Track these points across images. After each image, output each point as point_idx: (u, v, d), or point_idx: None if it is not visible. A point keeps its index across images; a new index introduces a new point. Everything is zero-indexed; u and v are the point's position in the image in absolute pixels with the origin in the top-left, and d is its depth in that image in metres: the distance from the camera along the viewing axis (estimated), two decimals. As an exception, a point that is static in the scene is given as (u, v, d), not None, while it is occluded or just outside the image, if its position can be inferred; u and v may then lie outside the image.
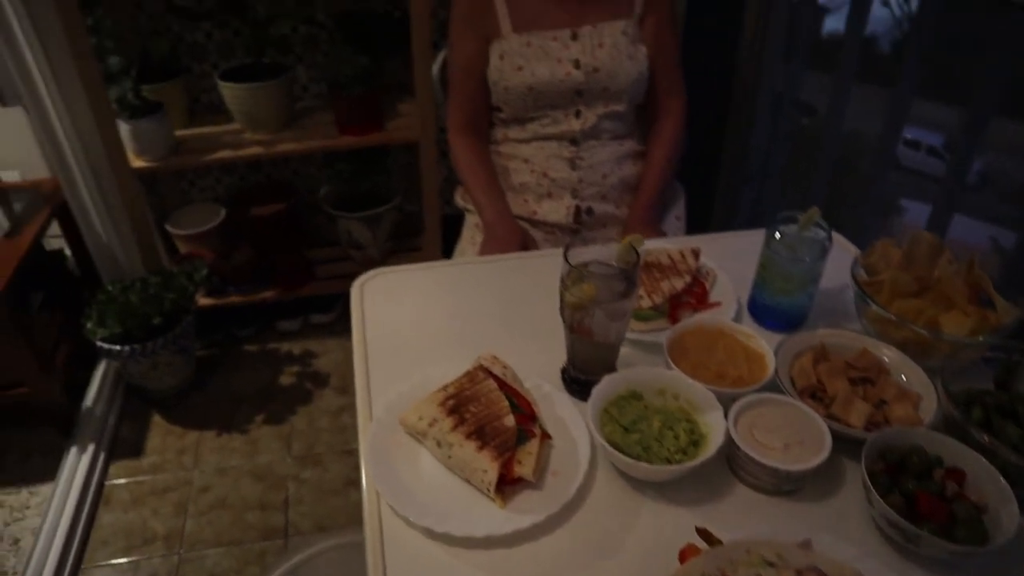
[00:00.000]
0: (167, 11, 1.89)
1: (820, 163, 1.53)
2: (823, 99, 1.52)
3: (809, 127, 1.62)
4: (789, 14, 1.44)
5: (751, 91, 1.53)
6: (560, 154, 1.39)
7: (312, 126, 1.94)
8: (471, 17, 1.37)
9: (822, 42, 1.56)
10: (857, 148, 1.56)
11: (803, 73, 1.54)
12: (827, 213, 0.93)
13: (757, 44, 1.49)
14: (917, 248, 0.97)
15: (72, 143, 1.90)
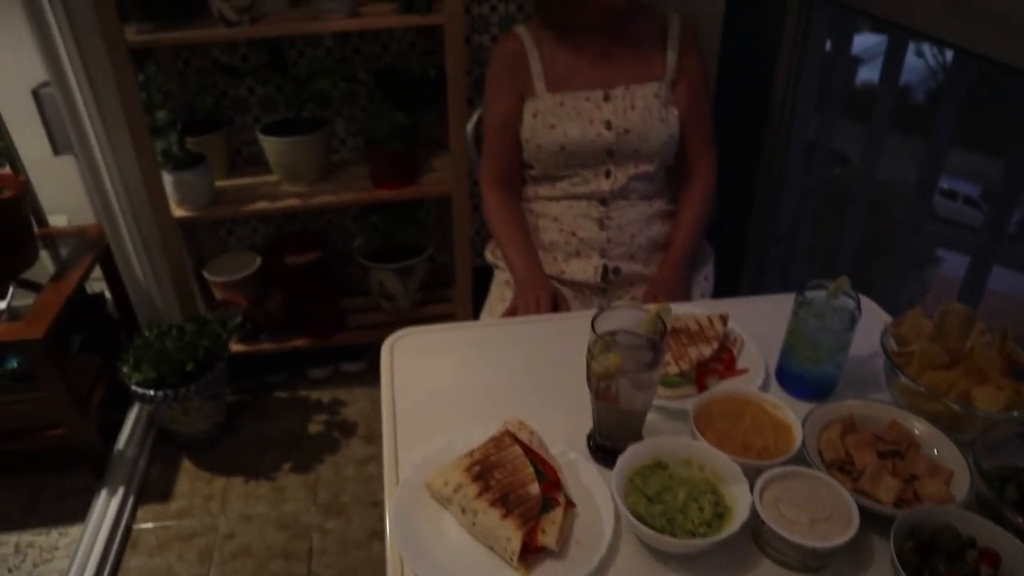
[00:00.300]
0: (213, 68, 1.96)
1: (853, 214, 1.52)
2: (856, 148, 1.52)
3: (842, 177, 1.62)
4: (823, 64, 1.45)
5: (783, 142, 1.54)
6: (589, 214, 1.41)
7: (348, 179, 1.98)
8: (507, 76, 1.41)
9: (856, 92, 1.56)
10: (891, 198, 1.56)
11: (836, 122, 1.54)
12: (861, 265, 0.93)
13: (790, 95, 1.50)
14: (948, 319, 0.96)
15: (118, 192, 1.96)
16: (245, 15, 1.63)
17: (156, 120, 1.77)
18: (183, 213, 1.88)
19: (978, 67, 1.27)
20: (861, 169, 1.51)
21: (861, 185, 1.51)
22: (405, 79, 1.90)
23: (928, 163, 1.37)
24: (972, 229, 4.62)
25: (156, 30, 1.67)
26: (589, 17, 1.37)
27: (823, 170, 1.58)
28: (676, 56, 1.39)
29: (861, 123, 1.51)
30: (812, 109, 1.51)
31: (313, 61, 1.99)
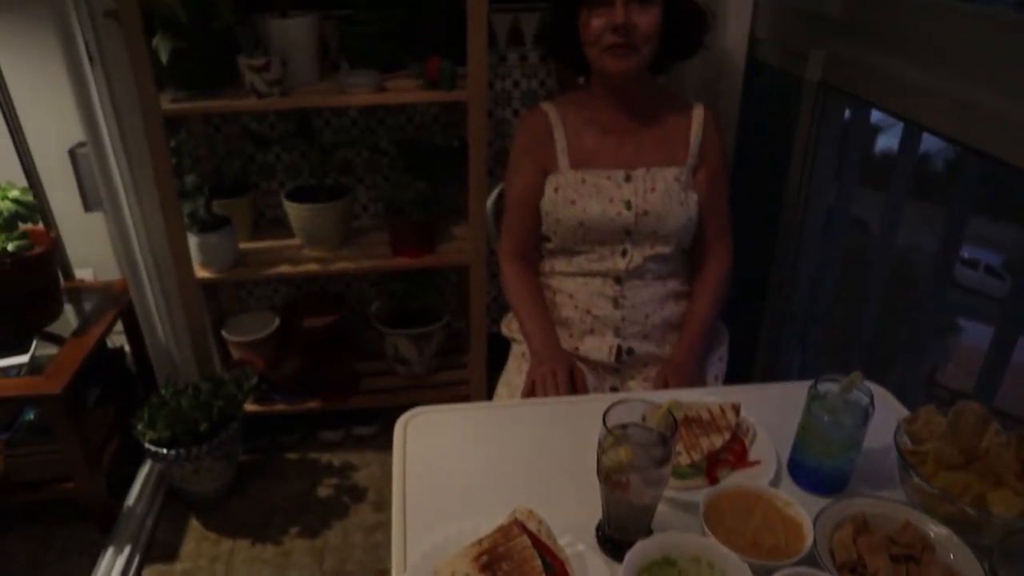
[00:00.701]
0: (242, 134, 2.02)
1: (872, 282, 1.52)
2: (875, 216, 1.52)
3: (860, 244, 1.62)
4: (840, 134, 1.47)
5: (799, 219, 1.56)
6: (604, 292, 1.42)
7: (368, 245, 2.02)
8: (532, 150, 1.45)
9: (874, 159, 1.57)
10: (911, 266, 1.55)
11: (854, 190, 1.55)
12: (879, 337, 0.93)
13: (806, 177, 1.52)
14: (963, 418, 0.96)
15: (144, 250, 2.01)
16: (276, 87, 1.69)
17: (185, 184, 1.82)
18: (206, 274, 1.92)
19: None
20: (880, 238, 1.51)
21: (880, 254, 1.51)
22: (427, 150, 1.95)
23: (948, 231, 1.36)
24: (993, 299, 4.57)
25: (190, 99, 1.72)
26: (610, 93, 1.40)
27: (840, 239, 1.58)
28: (698, 143, 1.42)
29: (880, 191, 1.52)
30: (829, 180, 1.53)
31: (339, 130, 2.05)
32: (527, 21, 2.00)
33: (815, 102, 1.44)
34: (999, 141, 1.04)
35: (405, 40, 1.85)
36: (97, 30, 1.75)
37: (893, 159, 1.43)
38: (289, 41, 1.74)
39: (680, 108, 1.44)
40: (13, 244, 1.82)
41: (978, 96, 1.07)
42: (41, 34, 2.04)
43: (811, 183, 1.51)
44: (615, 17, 1.26)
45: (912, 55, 1.21)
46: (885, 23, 1.28)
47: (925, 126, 1.18)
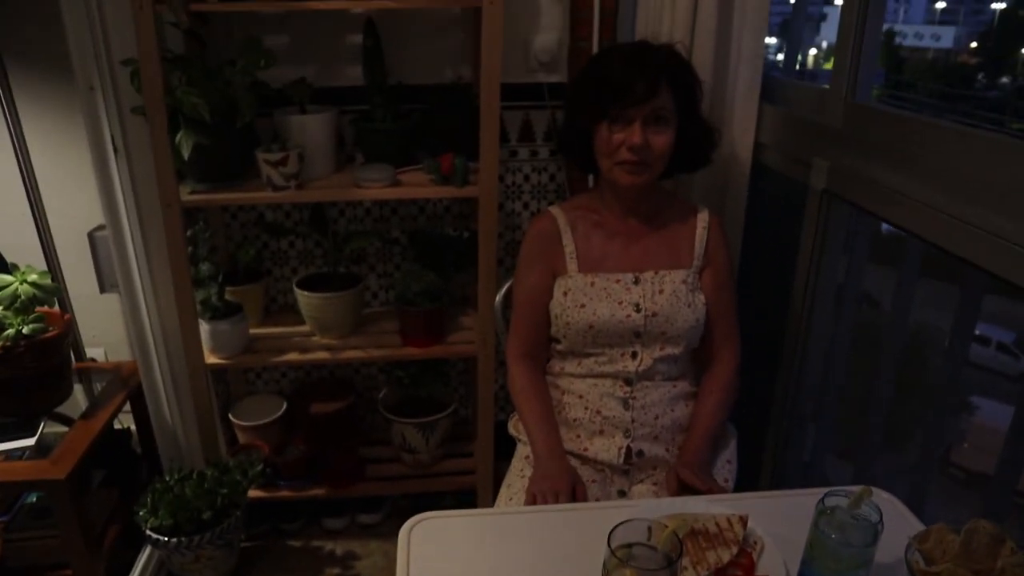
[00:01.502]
0: (257, 222, 2.07)
1: (883, 365, 1.51)
2: (884, 290, 1.51)
3: (870, 319, 1.62)
4: (849, 215, 1.48)
5: (807, 313, 1.56)
6: (614, 393, 1.42)
7: (378, 333, 2.03)
8: (540, 253, 1.47)
9: (884, 238, 1.57)
10: (921, 342, 1.54)
11: (864, 268, 1.56)
12: (893, 419, 0.92)
13: (813, 271, 1.53)
14: (976, 538, 0.94)
15: (156, 334, 2.03)
16: (292, 180, 1.74)
17: (199, 272, 1.85)
18: (215, 360, 1.93)
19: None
20: (892, 318, 1.50)
21: (891, 334, 1.50)
22: (439, 241, 1.99)
23: (962, 310, 1.36)
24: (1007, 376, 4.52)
25: (209, 191, 1.77)
26: (620, 200, 1.44)
27: (850, 321, 1.58)
28: (703, 246, 1.45)
29: (888, 266, 1.51)
30: (835, 283, 1.54)
31: (352, 220, 2.10)
32: (537, 118, 2.06)
33: (819, 209, 1.47)
34: (1000, 261, 1.06)
35: (419, 135, 1.91)
36: (124, 124, 1.81)
37: (902, 238, 1.43)
38: (307, 135, 1.80)
39: (685, 212, 1.48)
40: (29, 327, 1.85)
41: (978, 214, 1.10)
42: (70, 124, 2.12)
43: (816, 286, 1.53)
44: (633, 137, 1.31)
45: (912, 171, 1.24)
46: (886, 138, 1.31)
47: (927, 239, 1.20)
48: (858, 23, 1.40)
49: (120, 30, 1.75)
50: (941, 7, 6.82)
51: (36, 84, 2.11)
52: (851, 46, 1.41)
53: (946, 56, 5.93)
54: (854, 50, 1.41)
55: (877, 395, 1.53)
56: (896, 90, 4.78)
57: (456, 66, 2.01)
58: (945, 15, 6.96)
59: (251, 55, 1.69)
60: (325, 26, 1.95)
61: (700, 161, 1.46)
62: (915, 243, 1.41)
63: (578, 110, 1.41)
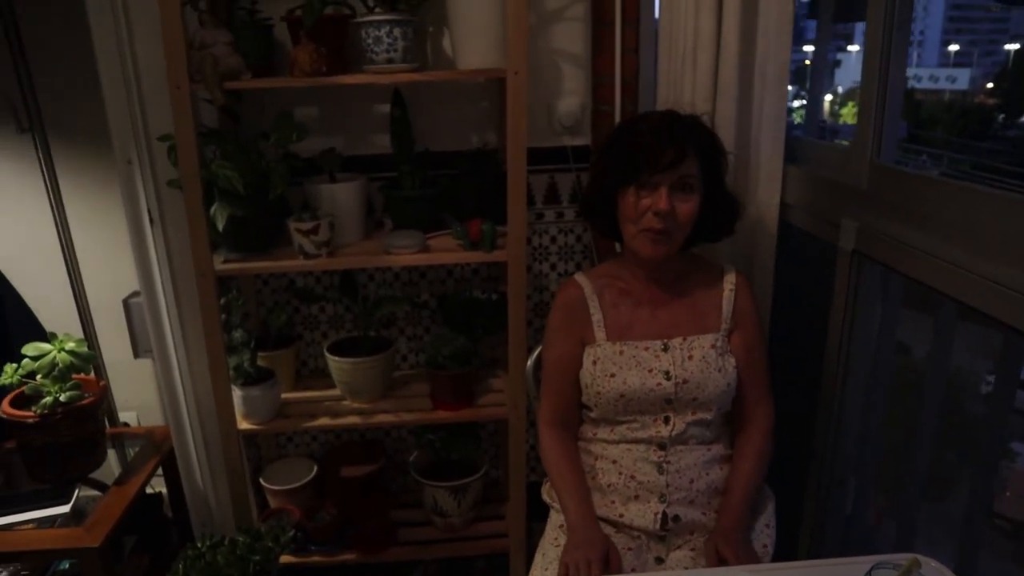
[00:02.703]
0: (288, 288, 2.11)
1: (922, 415, 1.48)
2: (921, 341, 1.48)
3: (907, 368, 1.59)
4: (880, 275, 1.46)
5: (842, 370, 1.54)
6: (648, 457, 1.41)
7: (408, 397, 2.04)
8: (568, 322, 1.48)
9: (918, 285, 1.54)
10: (958, 388, 1.51)
11: (898, 319, 1.54)
12: (935, 469, 0.90)
13: (846, 329, 1.52)
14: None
15: (188, 399, 2.05)
16: (323, 248, 1.77)
17: (232, 339, 1.88)
18: (248, 426, 1.94)
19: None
20: (929, 368, 1.47)
21: (929, 384, 1.47)
22: (467, 304, 2.01)
23: (1006, 355, 1.33)
24: (1050, 420, 4.43)
25: (242, 260, 1.81)
26: (644, 268, 1.45)
27: (886, 376, 1.55)
28: (731, 307, 1.45)
29: (924, 312, 1.49)
30: (870, 339, 1.53)
31: (382, 284, 2.13)
32: (563, 180, 2.09)
33: (850, 269, 1.46)
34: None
35: (447, 200, 1.94)
36: (160, 196, 1.86)
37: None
38: (337, 204, 1.84)
39: (712, 275, 1.48)
40: (66, 395, 1.88)
41: (1007, 273, 1.09)
42: (108, 196, 2.18)
43: (851, 346, 1.52)
44: (660, 202, 1.33)
45: (939, 231, 1.24)
46: (911, 199, 1.32)
47: (958, 299, 1.19)
48: (880, 84, 1.42)
49: (157, 107, 1.82)
50: (954, 50, 6.85)
51: (76, 158, 2.19)
52: (874, 107, 1.42)
53: (963, 97, 5.93)
54: (877, 111, 1.43)
55: (917, 446, 1.50)
56: (916, 129, 4.80)
57: (482, 132, 2.05)
58: (959, 57, 6.99)
59: (284, 130, 1.73)
60: (353, 97, 2.01)
61: (723, 231, 1.47)
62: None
63: (605, 175, 1.43)
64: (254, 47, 1.78)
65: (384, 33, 1.65)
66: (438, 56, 1.98)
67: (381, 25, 1.65)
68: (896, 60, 1.39)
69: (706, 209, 1.39)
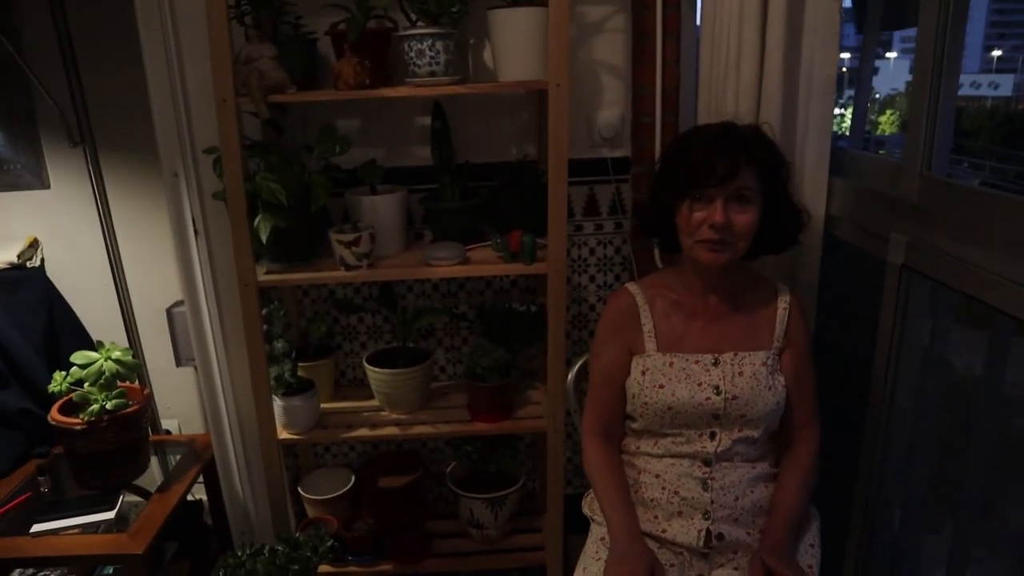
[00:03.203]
0: (328, 299, 2.12)
1: (973, 431, 1.44)
2: (973, 356, 1.44)
3: (957, 385, 1.55)
4: (931, 290, 1.43)
5: (889, 390, 1.51)
6: (692, 473, 1.40)
7: (446, 408, 2.04)
8: (618, 331, 1.47)
9: (970, 300, 1.50)
10: (1010, 401, 1.46)
11: (949, 329, 1.50)
12: (988, 490, 0.87)
13: (894, 347, 1.48)
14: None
15: (230, 409, 2.07)
16: (364, 260, 1.78)
17: (273, 349, 1.90)
18: (287, 435, 1.96)
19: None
20: (983, 385, 1.43)
21: (982, 401, 1.43)
22: (506, 316, 2.00)
23: None
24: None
25: (284, 271, 1.83)
26: (701, 279, 1.44)
27: (935, 394, 1.51)
28: (784, 327, 1.43)
29: (976, 328, 1.44)
30: (917, 360, 1.49)
31: (421, 295, 2.14)
32: (602, 192, 2.08)
33: (899, 284, 1.43)
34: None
35: (486, 212, 1.94)
36: (204, 208, 1.89)
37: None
38: (377, 215, 1.85)
39: (766, 292, 1.46)
40: (112, 402, 1.92)
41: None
42: (154, 207, 2.23)
43: (899, 364, 1.49)
44: (715, 215, 1.31)
45: (993, 245, 1.21)
46: (965, 213, 1.29)
47: (1014, 315, 1.16)
48: (931, 97, 1.39)
49: (203, 120, 1.84)
50: (997, 55, 6.74)
51: (124, 170, 2.24)
52: (924, 120, 1.40)
53: (1006, 103, 5.81)
54: (928, 123, 1.40)
55: (968, 466, 1.46)
56: (957, 137, 4.71)
57: (521, 144, 2.06)
58: (1001, 63, 6.87)
59: (327, 143, 1.75)
60: (394, 109, 2.02)
61: (787, 242, 1.45)
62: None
63: (661, 189, 1.42)
64: (298, 61, 1.80)
65: (427, 46, 1.66)
66: (479, 68, 1.99)
67: (424, 39, 1.66)
68: (948, 72, 1.36)
69: (768, 220, 1.37)
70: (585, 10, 1.95)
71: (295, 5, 1.85)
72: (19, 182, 2.30)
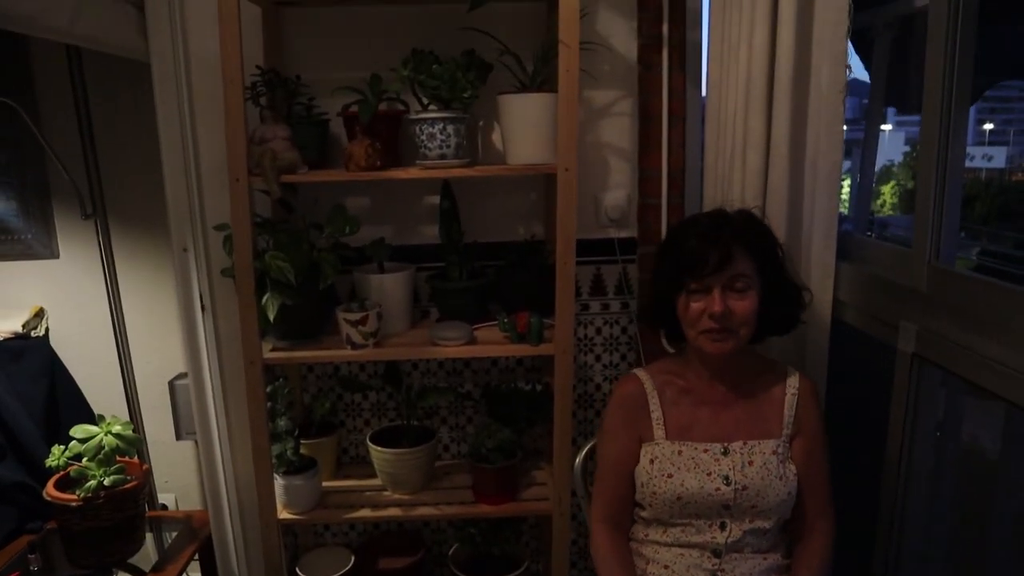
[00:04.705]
0: (332, 375, 2.11)
1: (994, 528, 1.40)
2: (993, 437, 1.42)
3: (976, 474, 1.52)
4: (942, 380, 1.41)
5: (903, 480, 1.48)
6: (702, 564, 1.37)
7: (450, 489, 2.01)
8: (626, 418, 1.46)
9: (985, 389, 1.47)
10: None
11: (963, 415, 1.47)
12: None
13: (907, 437, 1.46)
14: None
15: (229, 485, 2.04)
16: (371, 339, 1.77)
17: (276, 427, 1.87)
18: (288, 515, 1.92)
19: None
20: (1002, 467, 1.40)
21: (1001, 486, 1.40)
22: (511, 395, 1.99)
23: None
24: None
25: (289, 348, 1.82)
26: (707, 367, 1.43)
27: (952, 480, 1.49)
28: (794, 412, 1.42)
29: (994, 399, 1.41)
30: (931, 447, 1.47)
31: (426, 373, 2.13)
32: (609, 272, 2.09)
33: (910, 373, 1.43)
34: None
35: (493, 291, 1.95)
36: (212, 284, 1.90)
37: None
38: (385, 294, 1.85)
39: (775, 377, 1.46)
40: (110, 478, 1.89)
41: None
42: (161, 280, 2.24)
43: (912, 450, 1.47)
44: (713, 305, 1.32)
45: (1004, 338, 1.21)
46: (974, 304, 1.29)
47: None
48: (937, 187, 1.40)
49: (215, 197, 1.87)
50: (989, 128, 6.88)
51: (134, 243, 2.26)
52: (931, 209, 1.40)
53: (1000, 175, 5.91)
54: (934, 213, 1.41)
55: (988, 557, 1.42)
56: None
57: (529, 224, 2.07)
58: (994, 135, 7.01)
59: (337, 223, 1.77)
60: (404, 188, 2.05)
61: (790, 323, 1.45)
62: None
63: (660, 283, 1.43)
64: (310, 140, 1.83)
65: (437, 130, 1.69)
66: (488, 149, 2.03)
67: (435, 122, 1.69)
68: (953, 164, 1.38)
69: (768, 302, 1.37)
70: (593, 94, 2.00)
71: (309, 87, 1.89)
72: (29, 251, 2.32)
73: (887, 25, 1.91)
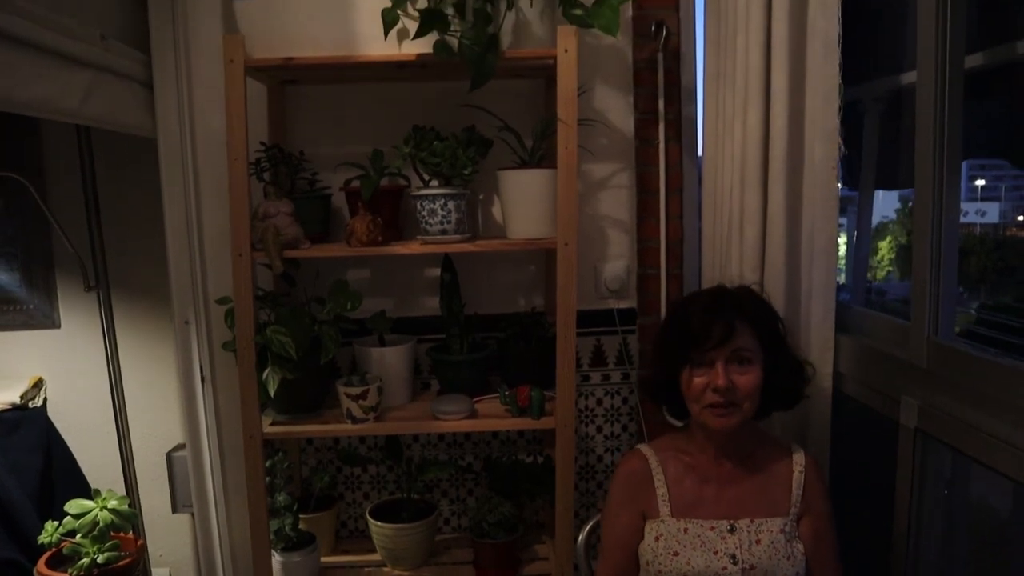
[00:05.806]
0: (331, 448, 2.10)
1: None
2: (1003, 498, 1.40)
3: (988, 541, 1.49)
4: (946, 455, 1.39)
5: (912, 558, 1.46)
6: (709, 646, 1.33)
7: (450, 564, 1.97)
8: (630, 495, 1.44)
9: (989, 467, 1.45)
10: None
11: (970, 479, 1.45)
12: None
13: (913, 511, 1.44)
14: None
15: (226, 562, 2.01)
16: (371, 413, 1.77)
17: (275, 502, 1.85)
18: (286, 595, 1.88)
19: None
20: (1015, 532, 1.37)
21: (1016, 552, 1.37)
22: (513, 468, 1.97)
23: None
24: None
25: (289, 422, 1.81)
26: (712, 443, 1.42)
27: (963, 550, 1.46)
28: (800, 491, 1.40)
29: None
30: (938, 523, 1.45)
31: (426, 445, 2.11)
32: (609, 343, 2.09)
33: (913, 448, 1.42)
34: None
35: (494, 363, 1.95)
36: (213, 356, 1.90)
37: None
38: (385, 366, 1.86)
39: (780, 454, 1.45)
40: (104, 556, 1.86)
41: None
42: (162, 352, 2.23)
43: (920, 528, 1.45)
44: (716, 379, 1.32)
45: (1006, 415, 1.20)
46: (975, 380, 1.29)
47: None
48: (933, 265, 1.41)
49: (217, 271, 1.88)
50: (981, 184, 6.96)
51: (136, 315, 2.26)
52: (928, 286, 1.41)
53: (994, 230, 5.97)
54: (932, 289, 1.42)
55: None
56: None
57: (529, 295, 2.09)
58: (985, 191, 7.09)
59: (339, 299, 1.78)
60: (404, 262, 2.06)
61: (794, 397, 1.45)
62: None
63: (662, 359, 1.43)
64: (313, 214, 1.86)
65: (439, 206, 1.71)
66: (488, 223, 2.05)
67: (436, 199, 1.71)
68: (948, 233, 1.39)
69: (771, 377, 1.37)
70: (591, 168, 2.03)
71: (312, 162, 1.92)
72: (31, 322, 2.32)
73: (876, 100, 1.95)
